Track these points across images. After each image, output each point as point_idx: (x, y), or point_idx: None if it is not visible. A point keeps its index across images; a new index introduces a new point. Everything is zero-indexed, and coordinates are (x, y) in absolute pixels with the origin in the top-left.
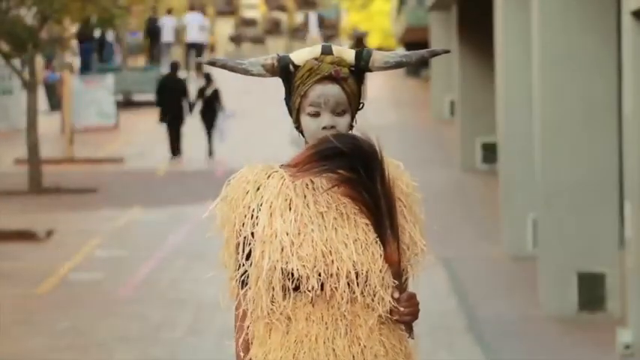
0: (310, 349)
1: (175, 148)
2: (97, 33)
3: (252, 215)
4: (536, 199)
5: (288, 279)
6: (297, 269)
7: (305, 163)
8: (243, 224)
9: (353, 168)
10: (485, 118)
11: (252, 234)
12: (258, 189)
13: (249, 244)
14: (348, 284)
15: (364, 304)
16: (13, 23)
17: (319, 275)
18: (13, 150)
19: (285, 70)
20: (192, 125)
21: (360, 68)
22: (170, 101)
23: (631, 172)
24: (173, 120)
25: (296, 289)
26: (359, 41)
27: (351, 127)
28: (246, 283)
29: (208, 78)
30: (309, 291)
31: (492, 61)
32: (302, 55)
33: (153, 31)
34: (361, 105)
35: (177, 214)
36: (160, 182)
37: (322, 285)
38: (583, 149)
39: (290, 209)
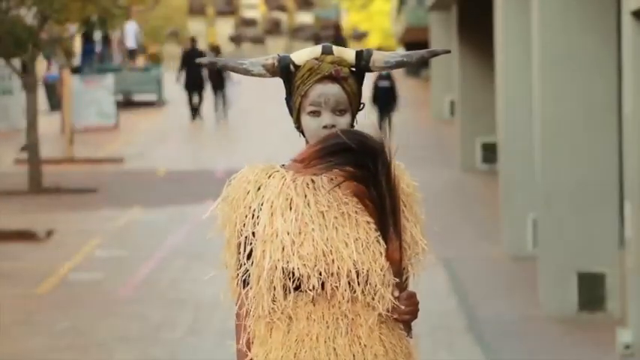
0: (311, 348)
1: (196, 112)
2: (97, 34)
3: (253, 215)
4: (536, 199)
5: (289, 278)
6: (298, 268)
7: (312, 159)
8: (244, 224)
9: (360, 164)
10: (485, 118)
11: (253, 233)
12: (259, 189)
13: (250, 243)
14: (349, 283)
15: (365, 303)
16: (13, 23)
17: (320, 274)
18: (13, 150)
19: (285, 70)
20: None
21: (361, 68)
22: (191, 71)
23: (631, 172)
24: (195, 87)
25: (297, 288)
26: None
27: (351, 126)
28: (248, 283)
29: (217, 51)
30: (310, 290)
31: (492, 61)
32: (302, 55)
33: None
34: (362, 105)
35: (177, 214)
36: (160, 182)
37: (323, 284)
38: (583, 149)
39: (291, 209)
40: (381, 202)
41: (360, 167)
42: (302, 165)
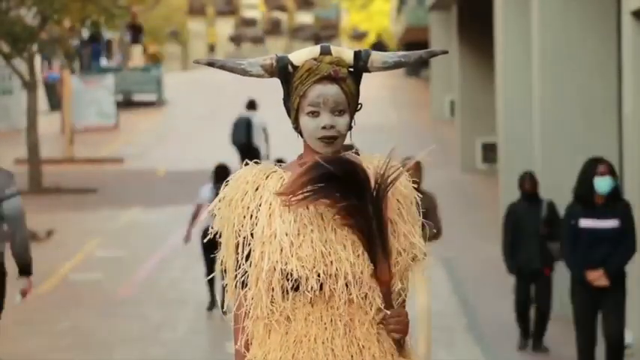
0: (309, 349)
1: None
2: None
3: (252, 216)
4: None
5: (288, 279)
6: (297, 270)
7: (298, 190)
8: (242, 225)
9: (346, 193)
10: (485, 118)
11: (252, 234)
12: (257, 189)
13: (249, 244)
14: (346, 285)
15: (359, 305)
16: (13, 23)
17: (319, 276)
18: (13, 150)
19: (283, 71)
20: None
21: (359, 68)
22: None
23: (631, 173)
24: None
25: (295, 289)
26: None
27: (349, 127)
28: (247, 284)
29: None
30: (309, 291)
31: (492, 61)
32: (301, 55)
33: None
34: (359, 106)
35: (177, 214)
36: (160, 182)
37: (321, 285)
38: (583, 149)
39: (289, 210)
40: (368, 225)
41: (346, 197)
42: (289, 197)
